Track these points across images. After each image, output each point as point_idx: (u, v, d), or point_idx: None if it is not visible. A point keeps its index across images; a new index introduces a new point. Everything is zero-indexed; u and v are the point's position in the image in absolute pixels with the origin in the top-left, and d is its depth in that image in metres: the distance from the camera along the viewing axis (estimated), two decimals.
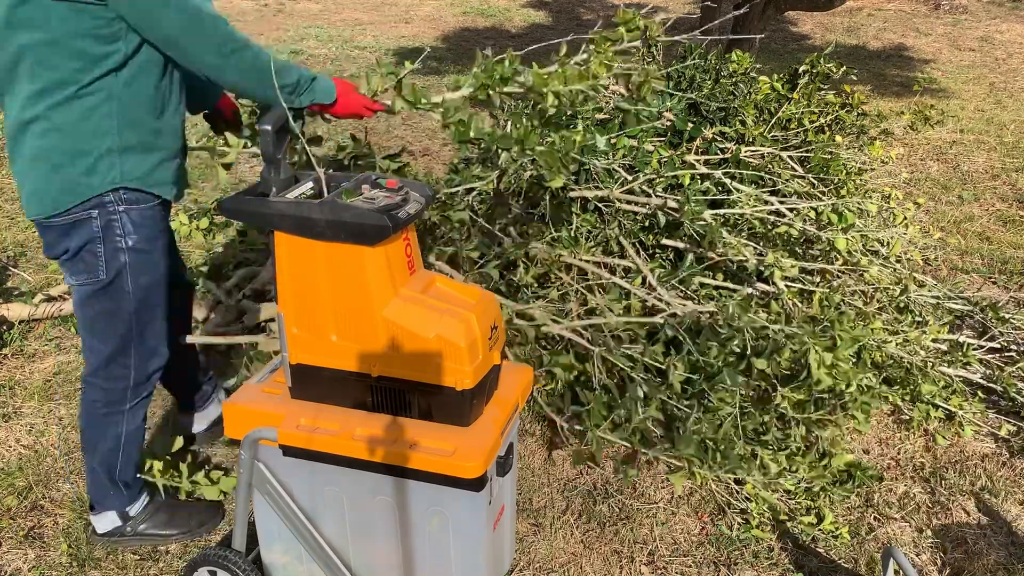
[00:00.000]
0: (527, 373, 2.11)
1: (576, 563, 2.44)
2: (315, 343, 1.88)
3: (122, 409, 2.29)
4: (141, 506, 2.45)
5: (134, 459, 2.38)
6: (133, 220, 2.08)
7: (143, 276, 2.15)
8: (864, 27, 9.95)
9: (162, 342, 2.30)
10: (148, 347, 2.26)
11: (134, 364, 2.25)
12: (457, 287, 1.95)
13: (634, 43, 2.60)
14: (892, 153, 3.92)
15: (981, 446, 2.97)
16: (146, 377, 2.30)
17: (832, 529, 2.51)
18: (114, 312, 2.16)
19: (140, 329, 2.21)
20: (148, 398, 2.35)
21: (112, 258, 2.08)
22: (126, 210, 2.06)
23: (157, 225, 2.15)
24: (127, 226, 2.07)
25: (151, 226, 2.13)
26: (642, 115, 3.33)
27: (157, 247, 2.16)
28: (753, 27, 6.15)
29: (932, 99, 6.99)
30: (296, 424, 1.88)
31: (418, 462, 1.79)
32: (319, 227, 1.76)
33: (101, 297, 2.14)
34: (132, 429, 2.33)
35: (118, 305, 2.15)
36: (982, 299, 3.51)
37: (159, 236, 2.16)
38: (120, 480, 2.37)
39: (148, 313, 2.21)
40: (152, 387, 2.35)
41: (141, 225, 2.10)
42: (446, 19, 10.26)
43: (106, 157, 1.99)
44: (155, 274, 2.18)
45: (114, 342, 2.21)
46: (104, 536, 2.43)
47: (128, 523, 2.43)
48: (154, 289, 2.20)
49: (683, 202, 3.04)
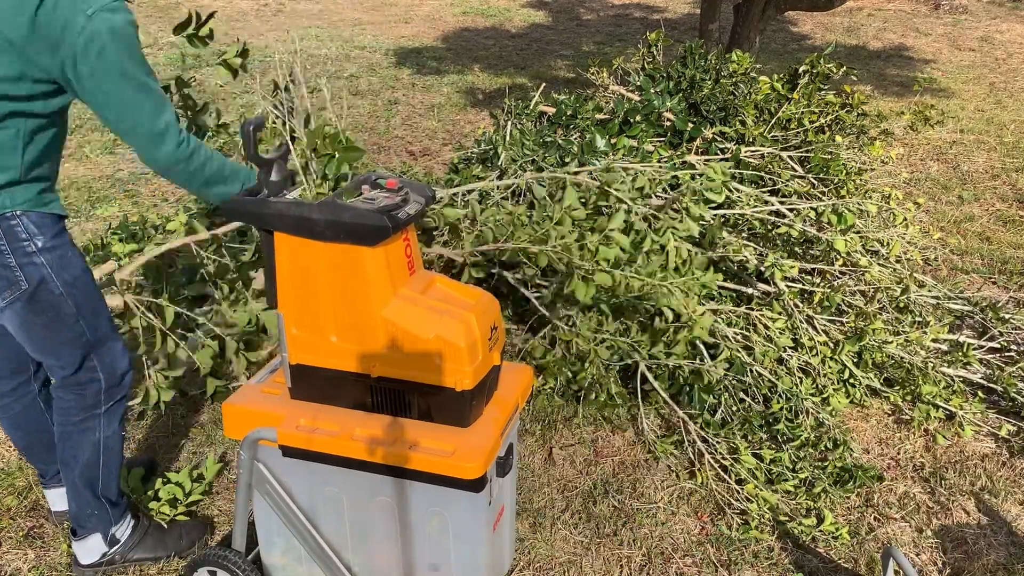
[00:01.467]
0: (527, 374, 2.11)
1: (576, 563, 2.44)
2: (315, 343, 1.88)
3: (97, 413, 2.19)
4: (128, 528, 2.35)
5: (115, 472, 2.28)
6: (34, 221, 1.98)
7: (66, 272, 2.03)
8: (864, 27, 9.95)
9: (116, 336, 2.19)
10: (108, 345, 2.16)
11: (100, 367, 2.15)
12: (457, 287, 1.95)
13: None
14: (892, 153, 3.92)
15: (981, 446, 2.97)
16: (118, 379, 2.20)
17: (832, 530, 2.51)
18: (55, 320, 2.04)
19: (91, 327, 2.10)
20: (123, 402, 2.24)
21: (27, 263, 1.97)
22: (24, 213, 1.96)
23: (57, 226, 2.04)
24: (30, 228, 1.96)
25: (52, 227, 2.01)
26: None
27: (67, 243, 2.06)
28: (753, 27, 6.15)
29: (932, 99, 6.99)
30: (296, 424, 1.88)
31: (418, 463, 1.79)
32: (319, 227, 1.76)
33: (35, 309, 2.01)
34: (110, 435, 2.23)
35: (55, 311, 2.03)
36: (982, 299, 3.51)
37: (63, 235, 2.06)
38: (104, 496, 2.27)
39: (90, 307, 2.10)
40: (127, 390, 2.24)
41: (42, 225, 1.99)
42: (446, 19, 10.26)
43: (6, 188, 1.93)
44: (78, 268, 2.07)
45: (70, 352, 2.10)
46: (90, 567, 2.32)
47: (116, 549, 2.33)
48: (85, 283, 2.09)
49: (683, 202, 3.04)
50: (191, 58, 7.81)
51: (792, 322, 2.99)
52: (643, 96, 3.62)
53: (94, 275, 2.19)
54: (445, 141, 5.96)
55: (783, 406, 2.81)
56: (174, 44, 8.40)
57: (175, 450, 2.87)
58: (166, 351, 2.69)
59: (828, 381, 3.01)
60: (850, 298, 3.20)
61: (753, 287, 3.12)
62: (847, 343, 2.97)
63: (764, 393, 2.91)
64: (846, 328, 3.05)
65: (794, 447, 2.76)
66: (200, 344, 2.66)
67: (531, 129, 3.64)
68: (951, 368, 3.15)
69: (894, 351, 3.05)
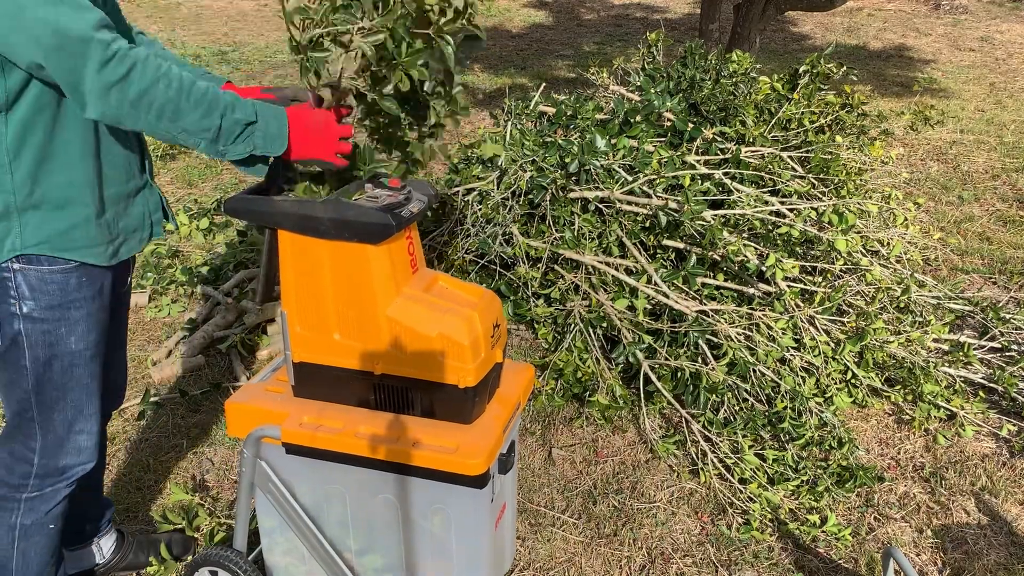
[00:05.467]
0: (529, 371, 2.11)
1: (576, 563, 2.44)
2: (318, 341, 1.88)
3: (18, 497, 1.86)
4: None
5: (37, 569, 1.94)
6: (30, 283, 1.66)
7: (42, 350, 1.73)
8: (864, 27, 9.95)
9: (81, 435, 1.87)
10: (56, 436, 1.84)
11: (38, 451, 1.84)
12: (459, 285, 1.95)
13: None
14: (892, 153, 3.93)
15: (981, 446, 2.98)
16: (57, 472, 1.87)
17: (835, 531, 2.51)
18: (11, 385, 1.77)
19: (43, 412, 1.80)
20: (57, 498, 1.90)
21: (5, 322, 1.69)
22: (21, 269, 1.64)
23: (68, 292, 1.71)
24: (21, 288, 1.66)
25: (56, 292, 1.69)
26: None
27: (68, 318, 1.73)
28: (753, 27, 6.15)
29: (932, 99, 6.99)
30: (299, 422, 1.89)
31: (420, 459, 1.80)
32: (323, 226, 1.76)
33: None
34: (30, 525, 1.88)
35: (12, 378, 1.76)
36: (983, 299, 3.51)
37: (72, 305, 1.72)
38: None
39: (52, 395, 1.79)
40: (65, 487, 1.90)
41: (41, 291, 1.67)
42: None
43: (2, 221, 1.62)
44: (60, 349, 1.74)
45: (11, 418, 1.83)
46: None
47: None
48: (61, 369, 1.77)
49: (684, 202, 3.04)
50: (190, 58, 7.81)
51: (793, 321, 3.00)
52: (643, 96, 3.62)
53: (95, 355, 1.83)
54: (445, 141, 5.96)
55: (787, 405, 2.82)
56: (172, 43, 8.41)
57: (175, 450, 2.87)
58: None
59: (831, 381, 3.02)
60: (851, 298, 3.20)
61: (754, 287, 3.13)
62: (848, 343, 2.97)
63: (767, 393, 2.92)
64: (847, 328, 3.06)
65: (798, 446, 2.77)
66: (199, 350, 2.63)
67: (531, 129, 3.64)
68: (952, 368, 3.15)
69: (895, 351, 3.06)
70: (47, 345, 1.73)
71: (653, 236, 3.25)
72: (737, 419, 2.81)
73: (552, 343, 3.25)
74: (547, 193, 3.26)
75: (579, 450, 2.90)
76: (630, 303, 3.06)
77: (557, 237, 3.24)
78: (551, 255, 3.24)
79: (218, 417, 3.02)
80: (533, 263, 3.29)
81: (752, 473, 2.68)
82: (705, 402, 2.81)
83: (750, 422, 2.77)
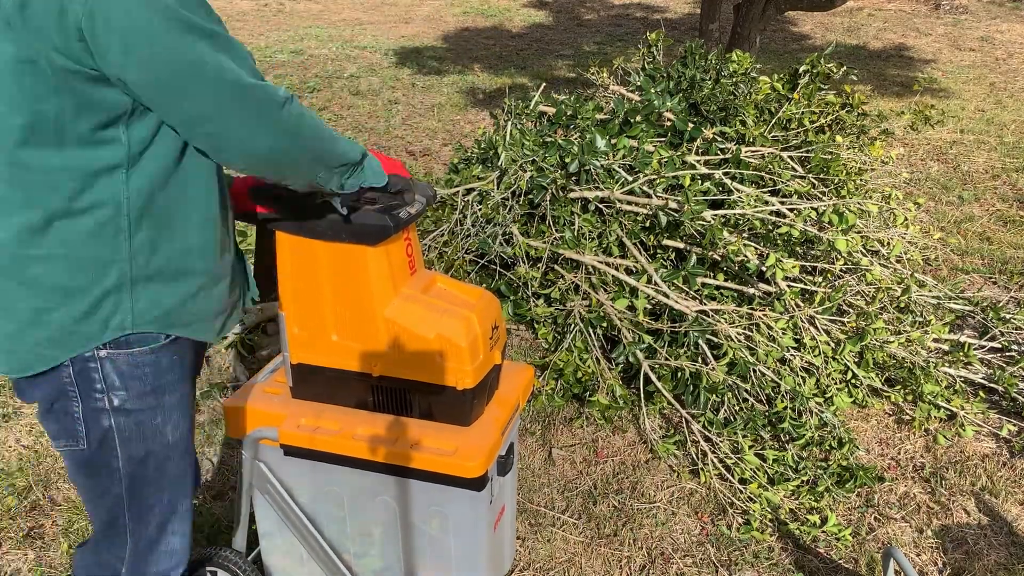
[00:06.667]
0: (528, 372, 2.11)
1: (576, 563, 2.44)
2: (316, 343, 1.88)
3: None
4: None
5: None
6: (120, 369, 1.46)
7: (137, 446, 1.53)
8: (864, 27, 9.95)
9: (175, 536, 1.68)
10: (148, 542, 1.64)
11: (128, 560, 1.65)
12: (458, 286, 1.95)
13: None
14: (892, 153, 3.92)
15: (981, 446, 2.97)
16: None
17: (836, 531, 2.51)
18: (102, 494, 1.57)
19: (135, 517, 1.60)
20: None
21: (92, 421, 1.48)
22: (109, 355, 1.44)
23: (161, 374, 1.51)
24: (110, 377, 1.45)
25: (149, 376, 1.49)
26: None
27: (163, 405, 1.53)
28: (753, 27, 6.15)
29: (932, 99, 6.99)
30: (297, 424, 1.88)
31: (419, 462, 1.79)
32: (321, 227, 1.76)
33: (84, 470, 1.55)
34: None
35: (103, 485, 1.55)
36: (983, 299, 3.51)
37: (166, 390, 1.53)
38: None
39: (147, 497, 1.59)
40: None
41: (132, 376, 1.47)
42: (446, 19, 10.26)
43: (112, 295, 1.41)
44: (155, 444, 1.55)
45: (100, 528, 1.63)
46: None
47: None
48: (156, 465, 1.57)
49: (684, 202, 3.04)
50: None
51: (793, 321, 2.99)
52: (643, 96, 3.61)
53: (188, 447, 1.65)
54: (445, 141, 5.96)
55: (787, 405, 2.81)
56: None
57: None
58: None
59: (831, 381, 3.02)
60: (851, 298, 3.20)
61: (754, 287, 3.13)
62: (848, 343, 2.97)
63: (767, 393, 2.92)
64: (847, 328, 3.05)
65: (798, 447, 2.77)
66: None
67: (531, 129, 3.64)
68: (952, 368, 3.15)
69: (895, 351, 3.06)
70: (141, 439, 1.52)
71: (653, 236, 3.25)
72: (737, 419, 2.81)
73: (552, 343, 3.25)
74: (547, 193, 3.26)
75: (579, 450, 2.90)
76: (630, 303, 3.06)
77: (557, 237, 3.23)
78: (551, 255, 3.24)
79: (218, 417, 3.02)
80: (533, 263, 3.29)
81: (752, 473, 2.68)
82: (705, 402, 2.81)
83: (750, 422, 2.77)
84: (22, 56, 1.24)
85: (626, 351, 2.96)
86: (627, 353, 2.96)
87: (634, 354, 2.94)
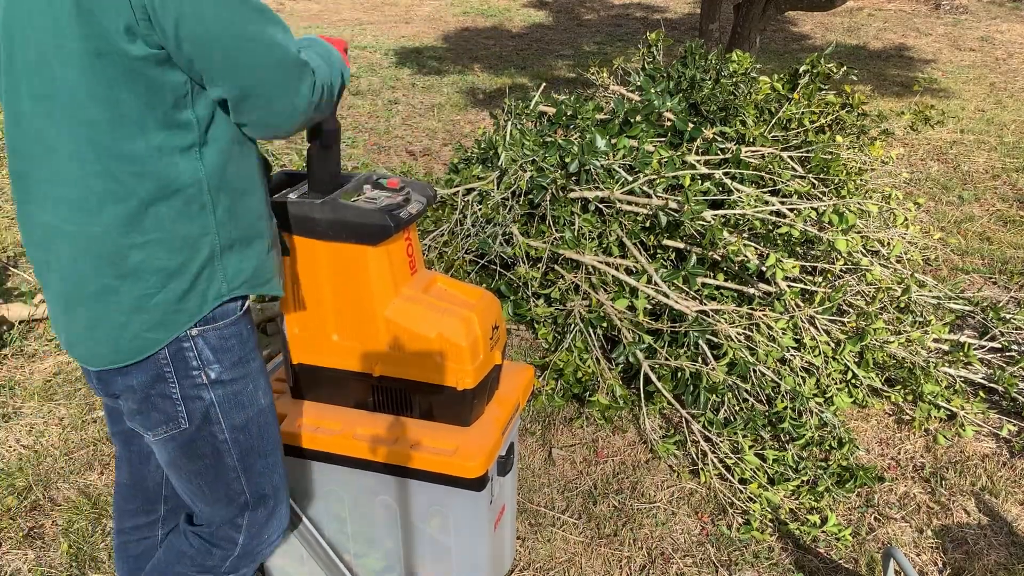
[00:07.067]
0: (528, 373, 2.11)
1: (576, 563, 2.44)
2: (316, 343, 1.88)
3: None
4: None
5: None
6: (211, 344, 1.52)
7: (241, 413, 1.59)
8: (864, 27, 9.95)
9: (281, 496, 1.73)
10: (266, 508, 1.69)
11: (244, 535, 1.69)
12: (458, 286, 1.95)
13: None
14: (892, 153, 3.92)
15: (981, 446, 2.97)
16: (257, 547, 1.73)
17: (836, 531, 2.51)
18: (210, 470, 1.61)
19: (253, 484, 1.66)
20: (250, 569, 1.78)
21: (191, 399, 1.53)
22: (200, 333, 1.50)
23: (245, 343, 1.58)
24: (204, 354, 1.51)
25: (236, 347, 1.56)
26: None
27: (251, 372, 1.60)
28: (753, 27, 6.15)
29: (932, 99, 6.99)
30: (297, 424, 1.88)
31: (419, 462, 1.79)
32: (321, 227, 1.76)
33: (189, 453, 1.59)
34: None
35: (214, 461, 1.60)
36: (983, 299, 3.51)
37: (250, 357, 1.59)
38: None
39: (256, 461, 1.65)
40: (260, 560, 1.79)
41: (223, 348, 1.53)
42: (446, 19, 10.26)
43: (207, 267, 1.48)
44: (256, 406, 1.61)
45: (216, 510, 1.67)
46: None
47: None
48: (260, 426, 1.63)
49: (684, 202, 3.04)
50: None
51: (793, 321, 2.99)
52: (643, 96, 3.61)
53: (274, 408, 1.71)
54: (445, 141, 5.96)
55: (787, 405, 2.81)
56: None
57: None
58: None
59: (831, 381, 3.02)
60: (851, 298, 3.20)
61: (754, 287, 3.13)
62: (848, 343, 2.97)
63: (767, 393, 2.92)
64: (847, 328, 3.06)
65: (798, 447, 2.77)
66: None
67: (531, 129, 3.64)
68: (952, 368, 3.15)
69: (895, 351, 3.06)
70: (240, 408, 1.59)
71: (653, 236, 3.25)
72: (737, 419, 2.81)
73: (552, 343, 3.25)
74: (547, 193, 3.26)
75: (579, 450, 2.90)
76: (630, 303, 3.06)
77: (557, 237, 3.23)
78: (551, 255, 3.24)
79: None
80: (533, 263, 3.29)
81: (752, 473, 2.68)
82: (705, 402, 2.81)
83: (750, 422, 2.77)
84: (91, 49, 1.29)
85: (626, 351, 2.96)
86: (627, 353, 2.96)
87: (634, 354, 2.94)
